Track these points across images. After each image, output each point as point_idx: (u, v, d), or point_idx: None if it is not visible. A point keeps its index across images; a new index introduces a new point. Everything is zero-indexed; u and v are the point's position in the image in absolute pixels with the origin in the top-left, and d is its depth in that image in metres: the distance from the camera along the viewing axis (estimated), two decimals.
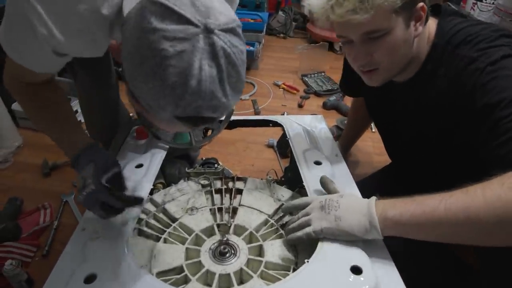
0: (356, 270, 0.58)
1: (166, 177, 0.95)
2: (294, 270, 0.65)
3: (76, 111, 1.64)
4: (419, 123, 0.83)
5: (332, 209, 0.63)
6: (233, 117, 1.04)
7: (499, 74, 0.63)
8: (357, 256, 0.60)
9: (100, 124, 1.14)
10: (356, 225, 0.61)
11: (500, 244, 0.54)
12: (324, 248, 0.62)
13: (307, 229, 0.64)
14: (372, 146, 1.61)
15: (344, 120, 1.64)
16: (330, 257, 0.60)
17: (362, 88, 1.01)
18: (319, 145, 0.95)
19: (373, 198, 0.64)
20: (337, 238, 0.62)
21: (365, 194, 0.80)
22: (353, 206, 0.63)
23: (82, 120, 1.21)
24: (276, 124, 1.06)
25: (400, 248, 0.66)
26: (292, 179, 1.06)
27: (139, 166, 0.84)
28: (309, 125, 1.04)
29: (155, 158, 0.87)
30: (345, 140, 1.40)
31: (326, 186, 0.74)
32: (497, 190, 0.52)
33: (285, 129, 1.00)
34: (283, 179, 1.11)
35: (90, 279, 0.56)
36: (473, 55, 0.67)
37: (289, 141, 0.95)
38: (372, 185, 1.04)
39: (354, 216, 0.62)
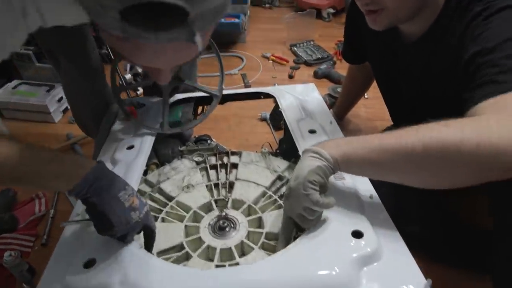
0: (357, 234, 0.58)
1: (159, 157, 0.93)
2: (295, 238, 0.65)
3: (61, 98, 1.60)
4: (426, 85, 0.80)
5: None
6: (224, 91, 1.01)
7: (491, 25, 0.61)
8: (358, 220, 0.60)
9: (89, 111, 1.11)
10: (304, 163, 0.58)
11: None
12: (325, 215, 0.62)
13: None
14: (365, 112, 1.60)
15: (336, 88, 1.62)
16: (331, 223, 0.60)
17: (369, 52, 0.98)
18: (313, 114, 0.93)
19: None
20: (299, 191, 0.56)
21: None
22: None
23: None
24: (267, 95, 1.04)
25: (397, 208, 0.66)
26: (287, 151, 1.05)
27: (131, 147, 0.82)
28: (301, 94, 1.02)
29: (146, 138, 0.85)
30: (339, 108, 1.39)
31: None
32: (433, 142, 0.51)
33: (277, 100, 0.98)
34: (278, 151, 1.09)
35: (89, 263, 0.56)
36: (477, 10, 0.63)
37: (282, 111, 0.93)
38: None
39: (300, 163, 0.58)
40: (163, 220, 0.70)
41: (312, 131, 0.84)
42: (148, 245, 0.62)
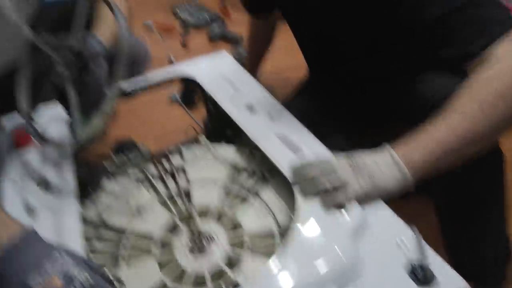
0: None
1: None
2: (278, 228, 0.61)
3: None
4: (351, 19, 0.74)
5: (362, 167, 0.56)
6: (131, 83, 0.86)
7: None
8: None
9: None
10: (389, 178, 0.55)
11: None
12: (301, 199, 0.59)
13: (349, 193, 0.55)
14: (270, 66, 1.58)
15: (238, 49, 1.55)
16: (314, 205, 0.58)
17: None
18: (240, 86, 0.86)
19: (387, 145, 0.58)
20: (369, 200, 0.56)
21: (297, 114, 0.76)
22: (377, 159, 0.57)
23: None
24: (186, 78, 0.92)
25: None
26: (214, 132, 0.98)
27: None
28: (218, 66, 0.93)
29: (65, 173, 0.66)
30: (250, 68, 1.34)
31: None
32: (489, 96, 0.54)
33: (200, 83, 0.87)
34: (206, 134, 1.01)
35: None
36: None
37: (208, 93, 0.84)
38: (298, 106, 1.01)
39: (384, 170, 0.55)
40: (126, 259, 0.58)
41: (250, 107, 0.78)
42: None
